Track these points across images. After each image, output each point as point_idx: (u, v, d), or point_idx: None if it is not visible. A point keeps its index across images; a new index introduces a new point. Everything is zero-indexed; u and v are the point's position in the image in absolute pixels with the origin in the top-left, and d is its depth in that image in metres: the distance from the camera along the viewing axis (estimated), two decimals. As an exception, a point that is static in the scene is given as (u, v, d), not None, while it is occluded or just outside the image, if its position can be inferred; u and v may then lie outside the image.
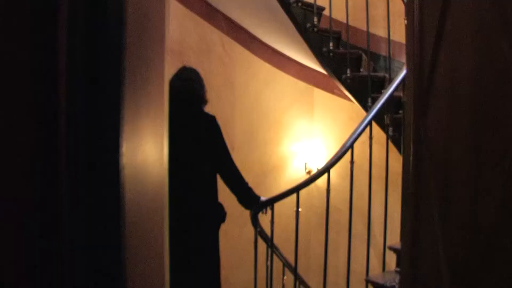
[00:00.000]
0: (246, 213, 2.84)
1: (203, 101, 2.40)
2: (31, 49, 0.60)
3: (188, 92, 2.30)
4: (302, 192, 2.61)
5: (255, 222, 2.67)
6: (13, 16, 0.59)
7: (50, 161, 0.60)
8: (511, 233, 0.79)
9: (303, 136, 4.30)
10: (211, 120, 2.36)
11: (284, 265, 3.08)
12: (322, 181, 2.74)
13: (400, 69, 2.94)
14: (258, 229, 2.68)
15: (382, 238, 2.78)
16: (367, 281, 2.61)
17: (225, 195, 2.68)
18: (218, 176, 2.45)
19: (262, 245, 2.75)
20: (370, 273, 2.73)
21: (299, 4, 3.12)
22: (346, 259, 2.64)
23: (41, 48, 0.60)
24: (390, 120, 2.83)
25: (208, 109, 4.63)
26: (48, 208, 0.60)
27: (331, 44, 3.15)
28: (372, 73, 3.23)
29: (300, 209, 2.59)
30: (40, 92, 0.60)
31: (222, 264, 3.61)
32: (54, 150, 0.60)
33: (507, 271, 0.80)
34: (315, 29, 3.14)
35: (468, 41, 0.94)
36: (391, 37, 3.10)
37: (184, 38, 4.61)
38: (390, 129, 2.86)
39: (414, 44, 1.17)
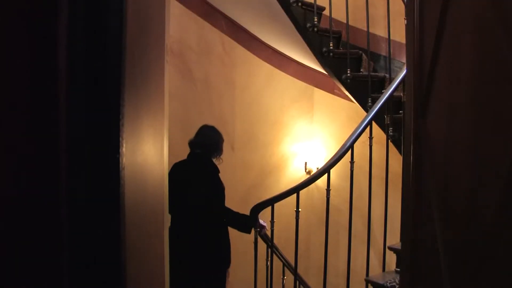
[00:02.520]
0: (246, 213, 2.84)
1: (209, 153, 2.84)
2: (31, 50, 0.60)
3: (194, 146, 2.86)
4: (302, 192, 2.61)
5: (255, 222, 2.67)
6: (14, 16, 0.59)
7: (51, 162, 0.60)
8: (511, 233, 0.79)
9: (303, 136, 4.30)
10: (212, 172, 2.77)
11: (284, 265, 3.08)
12: (322, 181, 2.73)
13: (400, 69, 2.94)
14: (258, 229, 2.68)
15: (382, 238, 2.78)
16: (367, 281, 2.61)
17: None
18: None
19: (262, 245, 2.75)
20: (370, 273, 2.73)
21: (299, 4, 3.12)
22: (346, 259, 2.64)
23: (41, 48, 0.60)
24: (390, 120, 2.83)
25: (208, 108, 4.61)
26: (49, 208, 0.60)
27: (331, 44, 3.15)
28: (372, 73, 3.23)
29: (300, 209, 2.59)
30: (41, 93, 0.60)
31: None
32: (54, 150, 0.60)
33: (507, 271, 0.80)
34: (315, 29, 3.14)
35: (468, 41, 0.94)
36: (391, 37, 3.11)
37: (184, 38, 4.60)
38: (390, 129, 2.86)
39: (414, 44, 1.17)
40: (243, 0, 3.84)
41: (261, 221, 2.78)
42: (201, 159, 2.83)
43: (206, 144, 2.84)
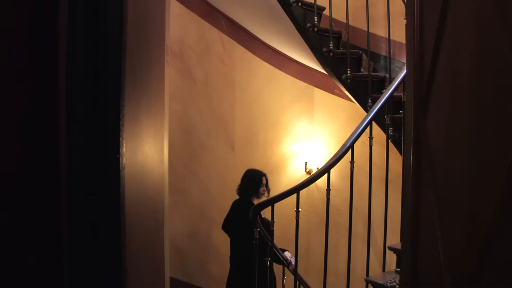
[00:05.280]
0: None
1: (247, 194, 3.32)
2: (31, 51, 0.60)
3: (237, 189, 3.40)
4: (302, 192, 2.61)
5: (255, 222, 2.67)
6: (13, 16, 0.59)
7: (51, 162, 0.60)
8: (511, 233, 0.79)
9: (303, 136, 4.30)
10: (246, 209, 3.08)
11: (284, 265, 3.08)
12: (322, 181, 2.73)
13: (400, 69, 2.94)
14: (258, 229, 2.68)
15: (382, 238, 2.78)
16: (367, 281, 2.61)
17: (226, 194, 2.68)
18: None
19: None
20: (370, 273, 2.73)
21: (299, 4, 3.12)
22: (346, 259, 2.64)
23: (41, 49, 0.60)
24: (390, 120, 2.83)
25: (208, 108, 4.60)
26: (49, 208, 0.60)
27: (331, 44, 3.15)
28: (372, 73, 3.23)
29: (300, 209, 2.59)
30: (41, 93, 0.60)
31: (223, 263, 3.64)
32: (55, 150, 0.60)
33: (507, 271, 0.80)
34: (315, 29, 3.14)
35: (468, 41, 0.94)
36: (391, 37, 3.10)
37: (184, 38, 4.60)
38: (390, 129, 2.86)
39: (414, 44, 1.17)
40: (243, 0, 3.84)
41: (288, 256, 3.03)
42: (238, 200, 3.35)
43: (241, 187, 3.34)
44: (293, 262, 2.95)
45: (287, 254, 3.08)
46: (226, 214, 3.41)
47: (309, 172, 4.20)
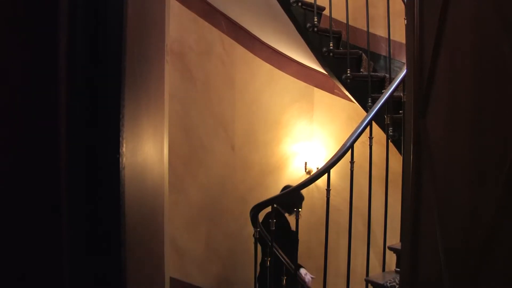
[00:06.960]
0: (246, 213, 2.84)
1: (283, 208, 3.37)
2: (31, 51, 0.60)
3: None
4: (302, 192, 2.61)
5: (255, 222, 2.67)
6: (13, 16, 0.59)
7: (50, 162, 0.60)
8: (511, 233, 0.79)
9: (303, 136, 4.30)
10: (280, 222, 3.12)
11: (284, 265, 3.08)
12: (322, 181, 2.73)
13: (400, 69, 2.94)
14: (258, 229, 2.68)
15: (382, 238, 2.78)
16: (367, 281, 2.61)
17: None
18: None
19: (262, 245, 2.75)
20: (370, 273, 2.73)
21: (299, 4, 3.12)
22: (346, 259, 2.64)
23: (41, 49, 0.60)
24: (390, 120, 2.83)
25: (208, 108, 4.60)
26: (48, 209, 0.60)
27: (331, 44, 3.15)
28: (372, 73, 3.23)
29: (300, 209, 2.59)
30: (41, 93, 0.60)
31: (223, 263, 3.64)
32: (54, 151, 0.60)
33: (507, 271, 0.80)
34: (315, 29, 3.14)
35: (468, 41, 0.94)
36: (391, 37, 3.10)
37: (184, 38, 4.60)
38: (390, 129, 2.86)
39: (414, 44, 1.17)
40: (243, 0, 3.84)
41: (303, 274, 2.96)
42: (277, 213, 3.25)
43: (282, 202, 3.33)
44: (307, 279, 2.93)
45: (303, 271, 3.02)
46: (228, 215, 3.33)
47: (309, 172, 4.20)
